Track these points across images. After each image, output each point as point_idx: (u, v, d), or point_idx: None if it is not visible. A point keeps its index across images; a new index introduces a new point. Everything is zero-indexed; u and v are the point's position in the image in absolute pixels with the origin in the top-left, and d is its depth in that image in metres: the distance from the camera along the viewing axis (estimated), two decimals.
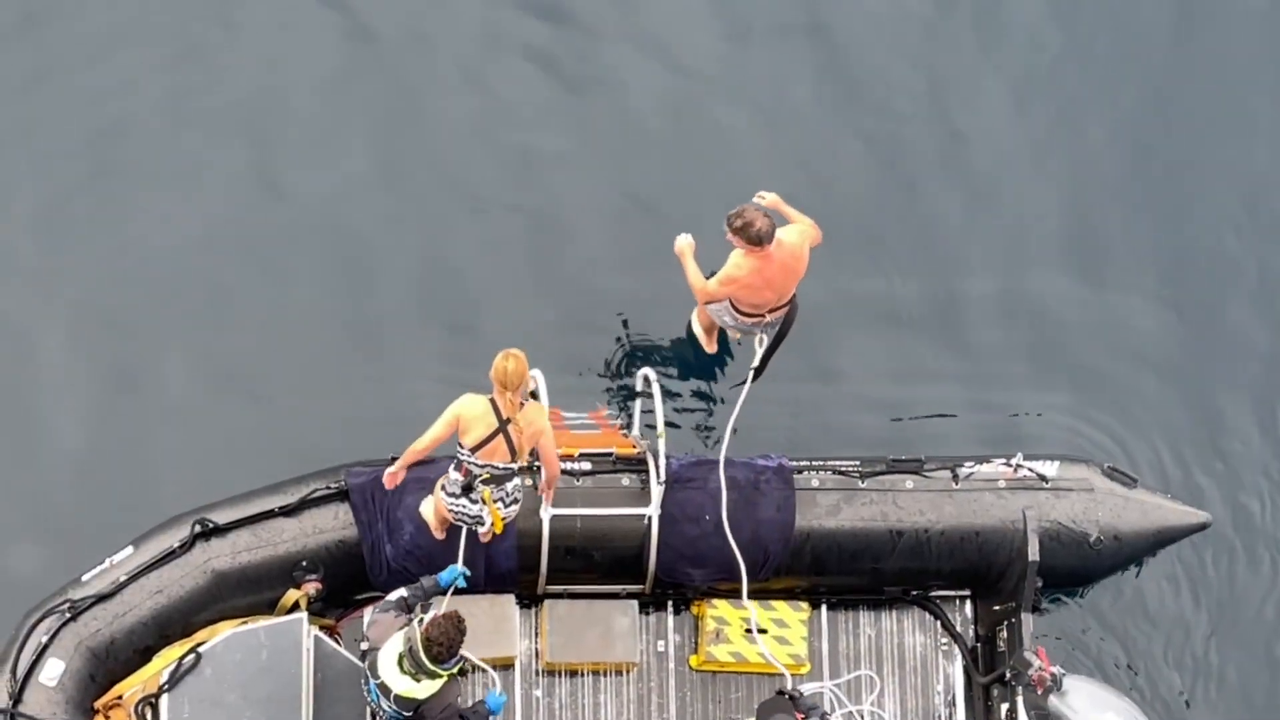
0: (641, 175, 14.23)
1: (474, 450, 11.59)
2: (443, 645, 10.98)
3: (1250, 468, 13.92)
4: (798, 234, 12.46)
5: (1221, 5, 15.08)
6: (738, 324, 12.91)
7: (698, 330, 13.47)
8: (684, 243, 12.68)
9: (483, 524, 11.89)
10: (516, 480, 11.82)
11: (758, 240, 12.19)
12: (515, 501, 11.91)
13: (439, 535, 12.22)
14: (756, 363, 12.87)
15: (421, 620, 11.07)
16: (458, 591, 11.91)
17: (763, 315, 12.72)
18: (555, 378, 12.79)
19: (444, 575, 11.73)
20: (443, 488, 11.85)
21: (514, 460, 11.65)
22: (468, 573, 11.82)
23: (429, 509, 12.22)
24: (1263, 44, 14.98)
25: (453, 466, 11.77)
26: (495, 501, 11.74)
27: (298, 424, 13.49)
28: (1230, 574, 13.65)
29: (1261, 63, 14.95)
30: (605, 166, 14.25)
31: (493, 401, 11.53)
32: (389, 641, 11.16)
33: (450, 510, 11.86)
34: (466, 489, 11.72)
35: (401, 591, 11.58)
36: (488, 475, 11.66)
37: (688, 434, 13.52)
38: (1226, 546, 13.67)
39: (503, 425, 11.54)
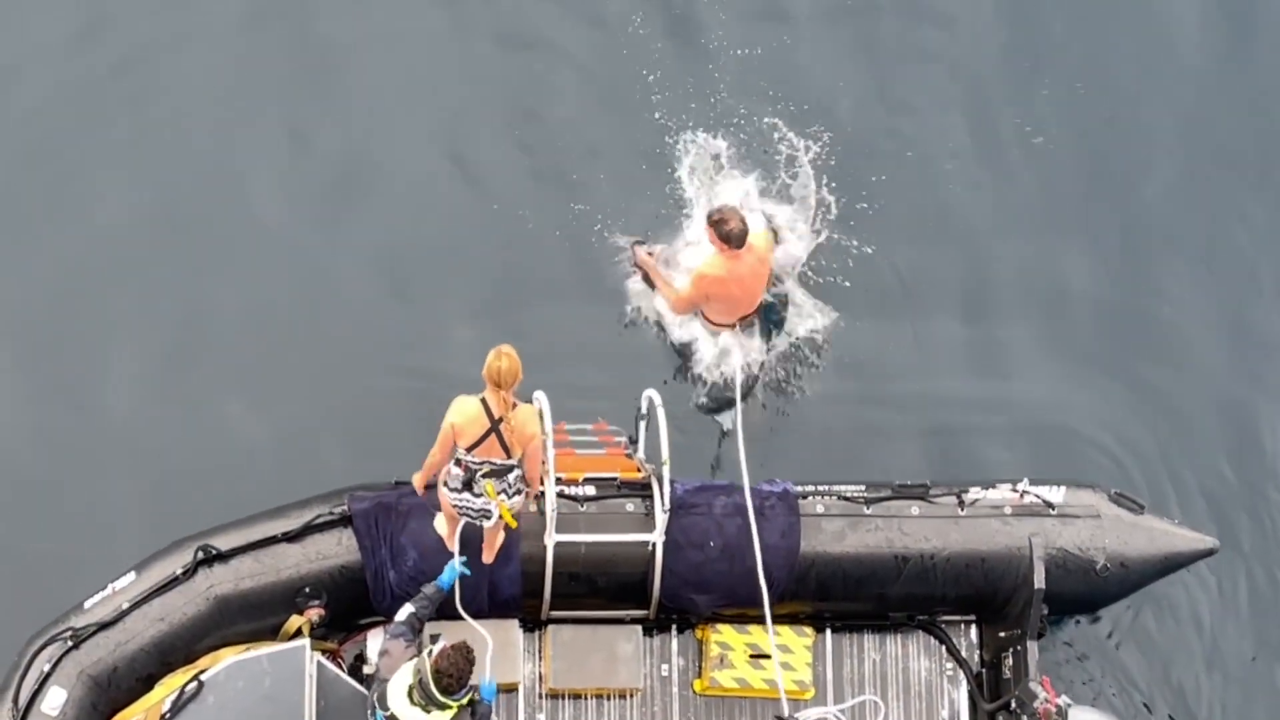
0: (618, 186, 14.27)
1: (469, 450, 11.60)
2: (452, 677, 10.95)
3: (1263, 488, 13.89)
4: (765, 240, 13.23)
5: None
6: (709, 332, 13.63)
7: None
8: (641, 254, 13.69)
9: (489, 518, 11.83)
10: (517, 471, 11.79)
11: (727, 239, 12.89)
12: (518, 492, 11.87)
13: (451, 542, 12.12)
14: (738, 396, 13.08)
15: (430, 651, 11.05)
16: (468, 614, 11.94)
17: (733, 327, 13.43)
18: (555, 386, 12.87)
19: (443, 578, 11.72)
20: (444, 484, 11.83)
21: (509, 457, 11.65)
22: (464, 559, 11.80)
23: (442, 524, 12.21)
24: None
25: (452, 462, 11.75)
26: (499, 494, 11.70)
27: (299, 444, 13.48)
28: (1245, 597, 13.60)
29: None
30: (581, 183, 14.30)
31: (484, 401, 11.51)
32: (398, 673, 11.14)
33: (455, 506, 11.82)
34: (467, 484, 11.71)
35: (409, 608, 11.55)
36: (487, 469, 11.65)
37: (691, 451, 13.46)
38: (1243, 568, 13.63)
39: (495, 425, 11.53)
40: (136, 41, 14.35)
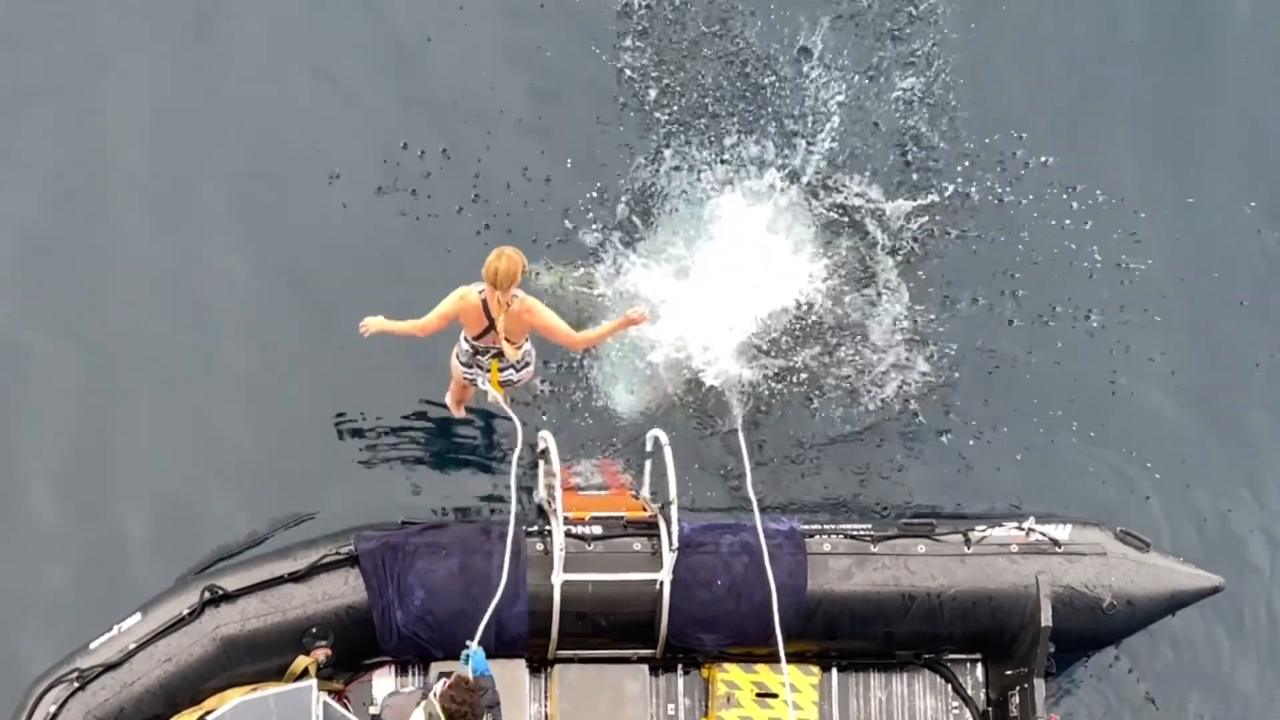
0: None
1: (474, 338, 12.13)
2: (465, 715, 10.91)
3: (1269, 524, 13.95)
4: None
5: None
6: None
7: None
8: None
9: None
10: (527, 346, 12.24)
11: None
12: (526, 365, 12.39)
13: (457, 409, 12.98)
14: (740, 428, 13.14)
15: (435, 692, 11.00)
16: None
17: None
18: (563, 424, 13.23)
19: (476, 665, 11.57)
20: (456, 356, 12.40)
21: (512, 343, 12.09)
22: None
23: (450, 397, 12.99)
24: None
25: (463, 337, 12.23)
26: (504, 370, 12.19)
27: (305, 484, 13.42)
28: (1254, 633, 13.63)
29: None
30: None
31: (484, 301, 11.88)
32: (411, 718, 11.10)
33: (466, 376, 12.45)
34: (473, 359, 12.30)
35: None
36: (493, 353, 12.14)
37: (695, 490, 13.48)
38: (1251, 605, 13.65)
39: (492, 324, 11.93)
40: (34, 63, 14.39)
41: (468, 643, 11.52)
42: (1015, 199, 14.45)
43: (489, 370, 12.31)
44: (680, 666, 12.87)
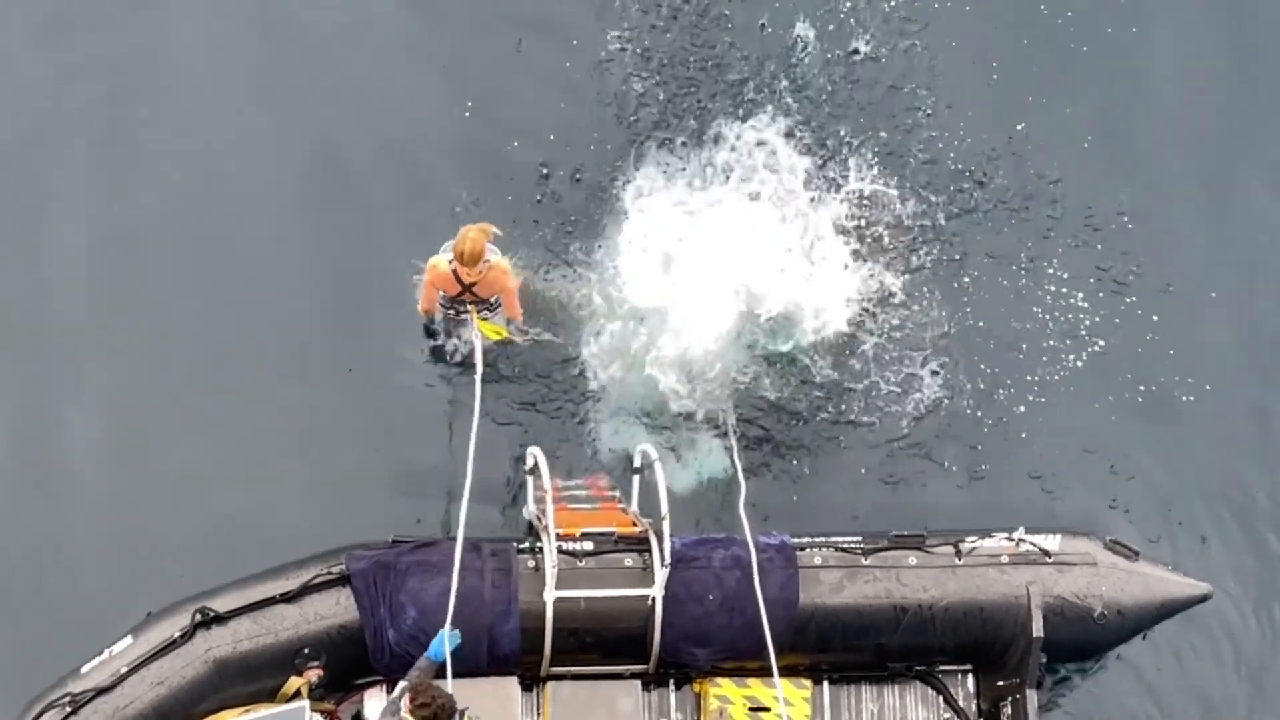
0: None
1: (450, 298, 13.09)
2: (438, 714, 10.88)
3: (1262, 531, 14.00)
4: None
5: None
6: None
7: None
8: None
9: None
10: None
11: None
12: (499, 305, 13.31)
13: (426, 303, 13.43)
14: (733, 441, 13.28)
15: (400, 706, 10.95)
16: (459, 674, 11.81)
17: None
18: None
19: (435, 649, 11.60)
20: (438, 301, 13.25)
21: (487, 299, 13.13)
22: (457, 632, 11.70)
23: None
24: None
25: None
26: (481, 313, 13.07)
27: (295, 502, 13.41)
28: (1247, 642, 13.68)
29: None
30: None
31: (455, 271, 12.81)
32: None
33: (450, 315, 13.40)
34: (453, 305, 13.18)
35: (403, 683, 11.49)
36: (470, 301, 13.04)
37: (686, 503, 13.47)
38: (1242, 613, 13.69)
39: (466, 288, 12.90)
40: None
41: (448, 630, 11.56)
42: (1017, 210, 14.54)
43: (469, 313, 13.05)
44: (673, 682, 12.88)
